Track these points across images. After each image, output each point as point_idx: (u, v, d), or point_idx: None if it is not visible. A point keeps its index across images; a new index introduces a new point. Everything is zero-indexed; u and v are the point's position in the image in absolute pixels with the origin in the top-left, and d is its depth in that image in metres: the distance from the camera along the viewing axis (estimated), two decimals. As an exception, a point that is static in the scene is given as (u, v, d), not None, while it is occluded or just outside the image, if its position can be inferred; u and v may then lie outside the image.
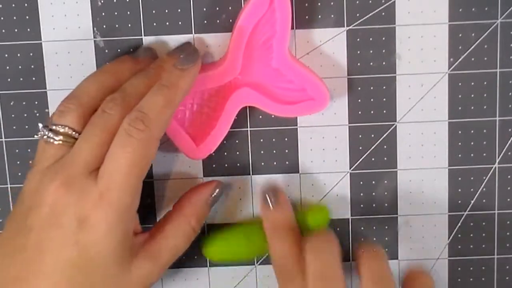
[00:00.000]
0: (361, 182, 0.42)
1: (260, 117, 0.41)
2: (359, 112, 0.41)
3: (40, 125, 0.36)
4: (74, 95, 0.36)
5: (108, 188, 0.33)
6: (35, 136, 0.36)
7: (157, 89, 0.35)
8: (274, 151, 0.41)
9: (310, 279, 0.35)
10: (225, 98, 0.39)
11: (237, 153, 0.41)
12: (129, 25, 0.40)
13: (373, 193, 0.42)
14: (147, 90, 0.35)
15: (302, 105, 0.39)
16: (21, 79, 0.41)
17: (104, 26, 0.40)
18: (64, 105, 0.36)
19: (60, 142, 0.35)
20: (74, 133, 0.35)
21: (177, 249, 0.38)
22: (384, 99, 0.41)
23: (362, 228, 0.42)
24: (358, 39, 0.40)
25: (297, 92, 0.39)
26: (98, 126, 0.35)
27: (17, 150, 0.42)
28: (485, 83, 0.41)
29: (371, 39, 0.40)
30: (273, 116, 0.41)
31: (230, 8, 0.40)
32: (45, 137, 0.35)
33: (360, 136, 0.41)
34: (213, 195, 0.40)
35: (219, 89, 0.40)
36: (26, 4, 0.40)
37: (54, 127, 0.35)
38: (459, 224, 0.42)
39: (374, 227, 0.42)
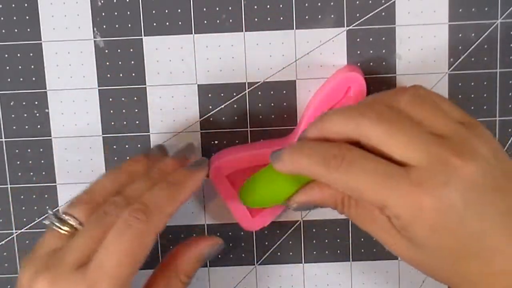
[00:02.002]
0: (361, 182, 0.42)
1: (260, 117, 0.41)
2: (359, 112, 0.41)
3: (49, 211, 0.36)
4: (89, 189, 0.36)
5: (97, 281, 0.32)
6: (44, 222, 0.36)
7: (163, 185, 0.35)
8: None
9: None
10: None
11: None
12: (129, 25, 0.40)
13: (373, 193, 0.42)
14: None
15: None
16: (21, 79, 0.41)
17: (104, 26, 0.40)
18: (78, 197, 0.36)
19: (66, 232, 0.35)
20: (79, 225, 0.35)
21: None
22: (384, 99, 0.41)
23: (362, 228, 0.42)
24: (358, 39, 0.40)
25: None
26: (96, 223, 0.34)
27: (17, 150, 0.42)
28: (485, 83, 0.41)
29: (371, 39, 0.40)
30: (272, 116, 0.41)
31: (230, 8, 0.40)
32: (51, 223, 0.35)
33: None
34: (206, 253, 0.38)
35: None
36: (26, 4, 0.40)
37: (61, 216, 0.35)
38: (459, 224, 0.42)
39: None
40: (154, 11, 0.40)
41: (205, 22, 0.40)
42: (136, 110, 0.41)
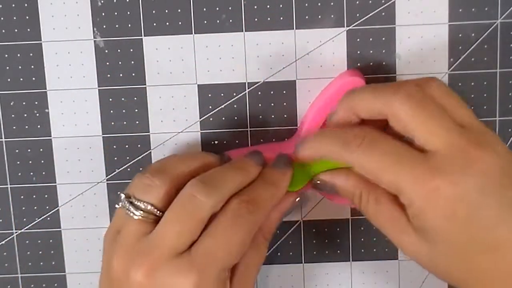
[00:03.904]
0: (361, 182, 0.42)
1: (260, 117, 0.41)
2: (359, 112, 0.41)
3: (122, 195, 0.35)
4: (161, 169, 0.35)
5: (205, 267, 0.33)
6: (116, 206, 0.36)
7: (264, 184, 0.35)
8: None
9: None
10: None
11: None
12: (129, 25, 0.40)
13: (373, 193, 0.42)
14: (236, 185, 0.35)
15: None
16: (21, 79, 0.41)
17: (104, 26, 0.40)
18: (150, 179, 0.35)
19: (140, 217, 0.34)
20: (156, 211, 0.34)
21: (259, 264, 0.37)
22: (384, 99, 0.41)
23: (362, 228, 0.42)
24: (358, 39, 0.40)
25: None
26: (187, 212, 0.33)
27: (17, 150, 0.42)
28: (485, 83, 0.41)
29: (371, 39, 0.40)
30: (272, 116, 0.41)
31: (230, 8, 0.40)
32: (125, 209, 0.35)
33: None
34: (286, 212, 0.38)
35: None
36: (26, 4, 0.40)
37: (136, 202, 0.35)
38: (459, 224, 0.42)
39: (374, 227, 0.42)
40: (154, 11, 0.40)
41: (205, 22, 0.40)
42: (136, 110, 0.41)
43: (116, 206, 0.36)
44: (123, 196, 0.35)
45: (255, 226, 0.34)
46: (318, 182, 0.37)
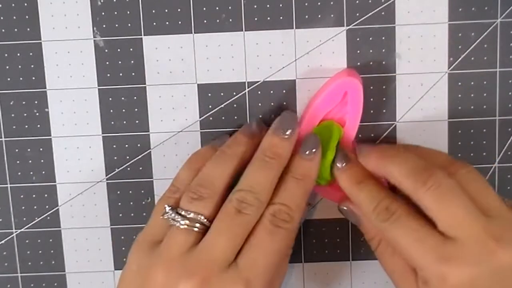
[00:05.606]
0: (361, 182, 0.42)
1: (260, 116, 0.41)
2: (359, 112, 0.41)
3: (167, 207, 0.36)
4: (205, 181, 0.36)
5: (252, 278, 0.33)
6: (161, 217, 0.36)
7: (293, 182, 0.36)
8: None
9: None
10: None
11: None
12: (129, 25, 0.40)
13: (373, 193, 0.42)
14: (273, 184, 0.36)
15: None
16: (21, 79, 0.41)
17: (104, 26, 0.40)
18: (197, 192, 0.36)
19: (186, 226, 0.35)
20: (206, 220, 0.35)
21: (283, 277, 0.38)
22: (384, 99, 0.41)
23: (362, 228, 0.42)
24: (358, 39, 0.40)
25: None
26: (236, 225, 0.34)
27: (17, 150, 0.42)
28: (485, 83, 0.41)
29: (371, 38, 0.40)
30: (272, 115, 0.41)
31: (230, 7, 0.40)
32: (170, 219, 0.35)
33: (360, 135, 0.41)
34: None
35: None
36: (26, 4, 0.40)
37: (183, 213, 0.35)
38: (459, 224, 0.42)
39: (374, 227, 0.42)
40: (154, 11, 0.40)
41: (205, 21, 0.40)
42: (136, 110, 0.41)
43: (161, 217, 0.36)
44: (168, 207, 0.36)
45: (293, 233, 0.36)
46: (344, 208, 0.39)
